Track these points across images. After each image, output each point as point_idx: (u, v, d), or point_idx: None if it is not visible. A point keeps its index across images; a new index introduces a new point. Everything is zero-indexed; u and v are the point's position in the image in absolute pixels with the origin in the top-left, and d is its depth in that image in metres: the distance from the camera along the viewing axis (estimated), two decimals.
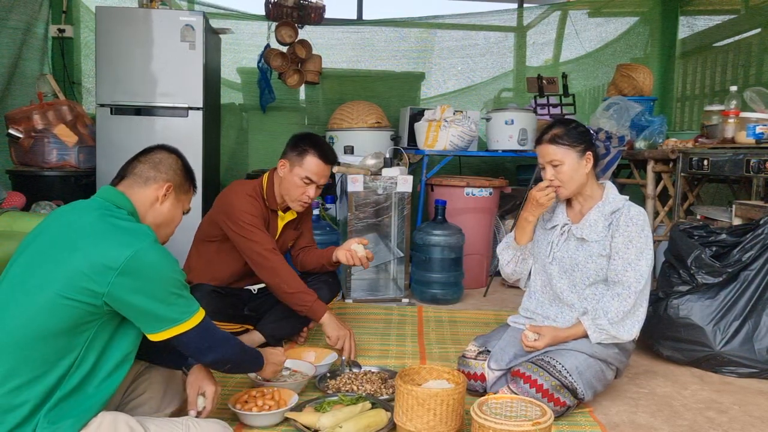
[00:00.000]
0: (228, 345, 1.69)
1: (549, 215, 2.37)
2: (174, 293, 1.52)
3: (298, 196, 2.60)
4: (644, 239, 2.16)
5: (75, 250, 1.43)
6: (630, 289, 2.12)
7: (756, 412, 2.22)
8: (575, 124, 2.26)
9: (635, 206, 2.23)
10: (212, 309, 2.55)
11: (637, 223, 2.16)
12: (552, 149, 2.21)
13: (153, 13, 4.05)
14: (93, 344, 1.46)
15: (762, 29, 4.54)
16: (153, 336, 1.52)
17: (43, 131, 4.05)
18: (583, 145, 2.21)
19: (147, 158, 1.70)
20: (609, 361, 2.16)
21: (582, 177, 2.22)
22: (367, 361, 2.60)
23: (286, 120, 5.31)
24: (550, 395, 2.00)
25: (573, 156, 2.20)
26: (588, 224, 2.23)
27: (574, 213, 2.31)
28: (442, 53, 5.53)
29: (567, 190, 2.23)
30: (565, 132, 2.21)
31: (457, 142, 4.08)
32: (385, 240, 3.86)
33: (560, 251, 2.28)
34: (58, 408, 1.41)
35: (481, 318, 3.39)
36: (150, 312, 1.49)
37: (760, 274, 2.53)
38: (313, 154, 2.56)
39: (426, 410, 1.79)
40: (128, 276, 1.43)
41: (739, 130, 3.25)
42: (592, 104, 5.58)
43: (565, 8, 5.61)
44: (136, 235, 1.49)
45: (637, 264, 2.13)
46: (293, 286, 2.52)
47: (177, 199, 1.71)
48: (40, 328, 1.40)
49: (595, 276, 2.20)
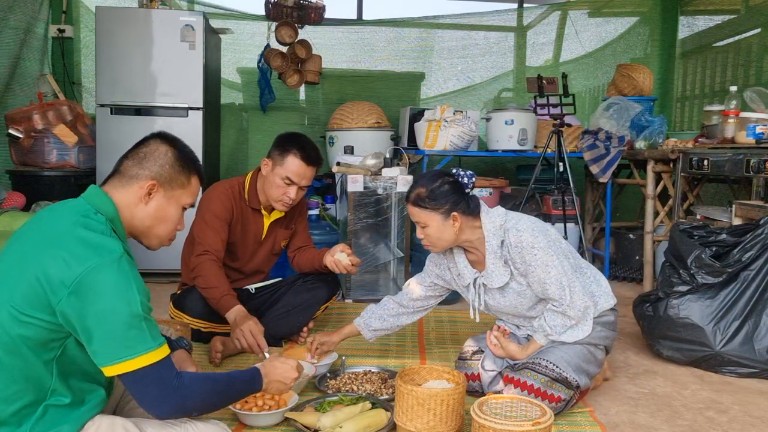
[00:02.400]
0: (199, 389, 1.45)
1: (456, 269, 2.27)
2: (126, 323, 1.32)
3: (278, 196, 2.59)
4: (540, 252, 2.04)
5: (35, 263, 1.33)
6: (562, 300, 2.06)
7: (756, 412, 2.22)
8: (440, 183, 2.10)
9: (512, 228, 2.09)
10: (209, 310, 2.57)
11: (523, 246, 2.06)
12: (416, 211, 2.12)
13: (153, 13, 4.05)
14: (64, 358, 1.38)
15: (762, 29, 4.54)
16: (103, 369, 1.35)
17: (43, 131, 4.05)
18: (447, 206, 2.08)
19: (134, 153, 1.57)
20: (595, 342, 2.14)
21: (450, 236, 2.12)
22: (367, 361, 2.60)
23: (286, 120, 5.31)
24: (543, 393, 2.00)
25: (437, 218, 2.09)
26: (491, 272, 2.15)
27: (477, 260, 2.22)
28: (442, 53, 5.54)
29: (437, 247, 2.18)
30: (428, 193, 2.09)
31: (457, 142, 4.08)
32: (385, 240, 3.86)
33: (490, 302, 2.24)
34: (48, 416, 1.38)
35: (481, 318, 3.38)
36: (94, 340, 1.32)
37: (760, 274, 2.53)
38: (295, 154, 2.54)
39: (426, 410, 1.79)
40: (77, 296, 1.30)
41: (739, 130, 3.25)
42: (592, 104, 5.58)
43: (565, 8, 5.62)
44: (96, 251, 1.34)
45: (549, 278, 2.05)
46: (208, 282, 2.49)
47: (168, 196, 1.56)
48: (8, 344, 1.33)
49: (534, 300, 2.18)
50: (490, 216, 2.16)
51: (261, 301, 2.80)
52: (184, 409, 1.43)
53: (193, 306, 2.62)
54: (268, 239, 2.77)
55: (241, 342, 2.34)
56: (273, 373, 1.71)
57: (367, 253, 3.79)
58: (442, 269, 2.36)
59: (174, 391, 1.39)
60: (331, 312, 3.29)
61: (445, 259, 2.33)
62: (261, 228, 2.74)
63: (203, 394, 1.46)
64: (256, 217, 2.72)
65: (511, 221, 2.13)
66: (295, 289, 2.83)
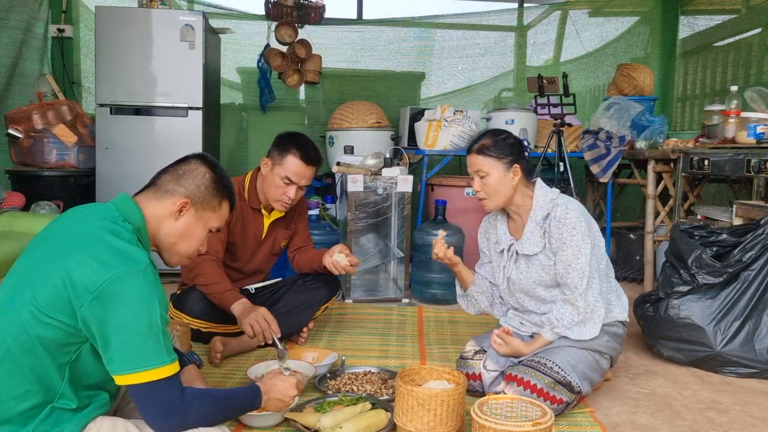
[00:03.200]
0: (201, 408, 1.46)
1: (495, 237, 2.34)
2: (144, 334, 1.34)
3: (278, 195, 2.59)
4: (578, 235, 2.09)
5: (61, 266, 1.34)
6: (576, 291, 2.09)
7: (756, 412, 2.21)
8: (505, 135, 2.21)
9: (562, 204, 2.16)
10: (209, 310, 2.57)
11: (566, 223, 2.11)
12: (479, 159, 2.18)
13: (153, 12, 4.05)
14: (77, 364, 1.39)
15: (762, 29, 4.54)
16: (115, 377, 1.36)
17: (43, 131, 4.05)
18: (510, 157, 2.16)
19: (173, 169, 1.59)
20: (601, 350, 2.15)
21: (508, 190, 2.18)
22: (367, 361, 2.59)
23: (286, 120, 5.31)
24: (545, 394, 2.00)
25: (499, 168, 2.16)
26: (526, 239, 2.20)
27: (516, 228, 2.28)
28: (442, 53, 5.53)
29: (492, 202, 2.21)
30: (494, 143, 2.17)
31: (457, 142, 4.07)
32: (385, 240, 3.85)
33: (513, 273, 2.26)
34: (53, 417, 1.38)
35: (481, 318, 3.37)
36: (111, 347, 1.33)
37: (761, 274, 2.52)
38: (295, 154, 2.54)
39: (426, 411, 1.78)
40: (100, 302, 1.31)
41: (739, 130, 3.25)
42: (592, 104, 5.58)
43: (566, 8, 5.61)
44: (122, 259, 1.35)
45: (576, 264, 2.09)
46: (209, 279, 2.50)
47: (198, 216, 1.57)
48: (26, 343, 1.34)
49: (553, 282, 2.19)
50: (544, 190, 2.23)
51: (261, 301, 2.79)
52: (184, 425, 1.43)
53: (193, 306, 2.61)
54: (268, 239, 2.77)
55: (254, 328, 2.33)
56: (273, 390, 1.73)
57: (367, 253, 3.79)
58: (485, 239, 2.41)
59: (176, 409, 1.40)
60: (331, 312, 3.29)
61: (489, 227, 2.39)
62: (261, 228, 2.74)
63: (204, 412, 1.47)
64: (256, 217, 2.72)
65: (563, 199, 2.20)
66: (295, 289, 2.83)
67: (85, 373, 1.42)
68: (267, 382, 1.74)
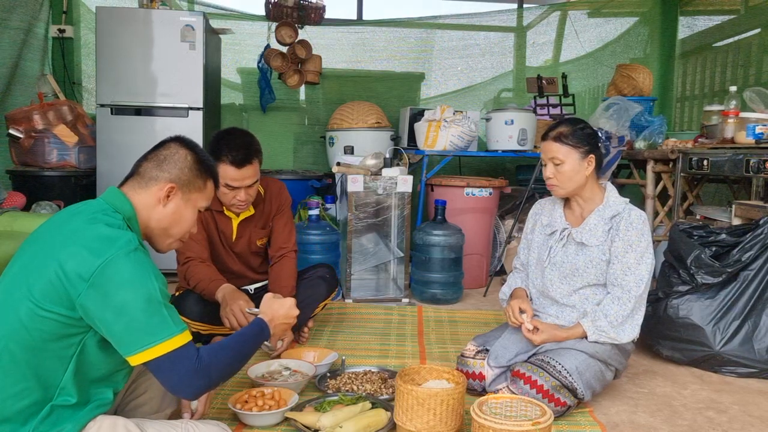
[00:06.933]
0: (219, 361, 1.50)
1: (547, 219, 2.37)
2: (146, 310, 1.36)
3: (229, 201, 2.57)
4: (644, 243, 2.16)
5: (53, 259, 1.35)
6: (630, 293, 2.13)
7: (756, 411, 2.22)
8: (583, 125, 2.25)
9: (635, 210, 2.22)
10: (207, 311, 2.58)
11: (637, 228, 2.16)
12: (555, 147, 2.21)
13: (153, 13, 4.05)
14: (83, 357, 1.40)
15: (762, 29, 4.54)
16: (129, 358, 1.38)
17: (44, 131, 4.06)
18: (587, 147, 2.21)
19: (154, 155, 1.60)
20: (609, 362, 2.17)
21: (581, 179, 2.22)
22: (367, 360, 2.60)
23: (286, 120, 5.32)
24: (550, 395, 2.01)
25: (575, 156, 2.20)
26: (588, 228, 2.23)
27: (574, 216, 2.31)
28: (442, 53, 5.53)
29: (564, 189, 2.24)
30: (571, 132, 2.21)
31: (457, 142, 4.08)
32: (385, 240, 3.86)
33: (558, 256, 2.28)
34: (53, 416, 1.39)
35: (481, 318, 3.39)
36: (117, 330, 1.35)
37: (760, 274, 2.53)
38: (225, 161, 2.44)
39: (426, 410, 1.79)
40: (96, 288, 1.33)
41: (738, 130, 3.25)
42: (591, 104, 5.58)
43: (565, 8, 5.62)
44: (111, 243, 1.37)
45: (636, 269, 2.14)
46: (198, 277, 2.55)
47: (185, 198, 1.60)
48: (25, 339, 1.35)
49: (595, 279, 2.21)
50: (616, 192, 2.29)
51: (260, 300, 2.79)
52: (210, 385, 1.48)
53: (191, 308, 2.61)
54: (240, 240, 2.74)
55: (231, 323, 2.38)
56: (276, 317, 1.82)
57: (367, 253, 3.80)
58: (533, 219, 2.44)
59: (198, 371, 1.43)
60: (331, 312, 3.30)
61: (543, 209, 2.42)
62: (230, 229, 2.72)
63: (224, 365, 1.51)
64: (222, 219, 2.69)
65: (636, 207, 2.25)
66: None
67: (92, 365, 1.43)
68: (268, 312, 1.82)
